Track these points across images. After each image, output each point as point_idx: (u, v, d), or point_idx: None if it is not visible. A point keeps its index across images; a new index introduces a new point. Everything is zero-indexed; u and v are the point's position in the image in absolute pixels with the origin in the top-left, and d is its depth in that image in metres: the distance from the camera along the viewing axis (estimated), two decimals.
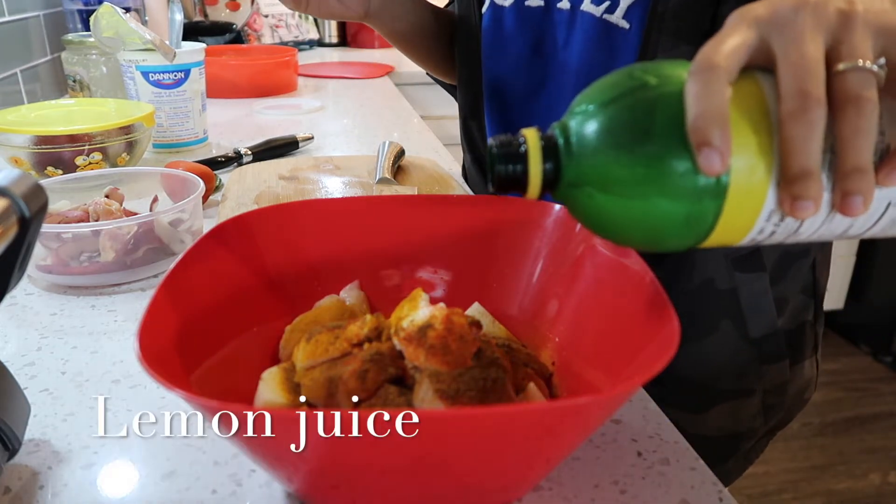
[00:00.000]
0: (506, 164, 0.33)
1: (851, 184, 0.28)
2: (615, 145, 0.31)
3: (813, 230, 0.32)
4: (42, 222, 0.37)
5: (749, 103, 0.30)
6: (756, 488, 1.70)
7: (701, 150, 0.28)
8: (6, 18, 1.22)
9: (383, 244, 0.50)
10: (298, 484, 0.35)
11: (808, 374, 0.69)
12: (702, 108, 0.28)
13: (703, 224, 0.31)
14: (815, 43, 0.29)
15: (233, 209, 0.71)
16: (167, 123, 1.02)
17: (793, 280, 0.65)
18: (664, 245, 0.33)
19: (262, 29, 2.03)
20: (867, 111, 0.28)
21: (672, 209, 0.31)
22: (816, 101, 0.28)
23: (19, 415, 0.38)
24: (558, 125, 0.34)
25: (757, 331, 0.63)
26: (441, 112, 1.64)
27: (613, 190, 0.32)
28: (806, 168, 0.28)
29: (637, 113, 0.31)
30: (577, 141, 0.32)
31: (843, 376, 2.14)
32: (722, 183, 0.30)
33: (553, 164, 0.33)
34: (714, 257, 0.60)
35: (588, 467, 0.39)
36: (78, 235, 0.60)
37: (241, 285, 0.45)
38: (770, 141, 0.30)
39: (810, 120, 0.28)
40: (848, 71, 0.28)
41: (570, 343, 0.43)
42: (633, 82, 0.32)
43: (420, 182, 0.83)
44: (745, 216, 0.31)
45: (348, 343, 0.41)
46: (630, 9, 0.57)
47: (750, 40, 0.30)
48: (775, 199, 0.30)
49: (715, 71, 0.29)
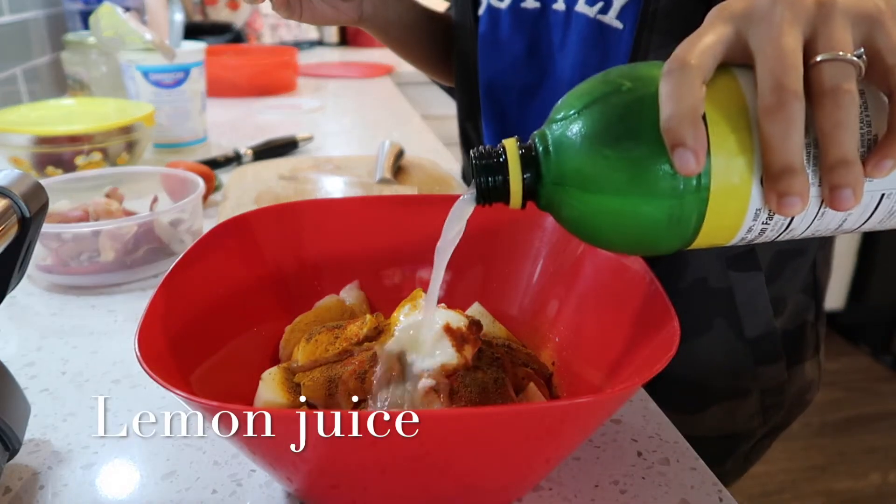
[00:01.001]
0: (487, 176, 0.34)
1: (837, 177, 0.28)
2: (593, 151, 0.31)
3: (805, 226, 0.32)
4: (42, 222, 0.37)
5: (727, 100, 0.29)
6: (756, 488, 1.70)
7: (675, 151, 0.28)
8: (6, 18, 1.22)
9: (383, 244, 0.50)
10: (298, 484, 0.35)
11: (809, 375, 0.69)
12: (674, 108, 0.28)
13: (687, 226, 0.31)
14: (792, 35, 0.28)
15: (233, 209, 0.71)
16: (167, 123, 1.02)
17: (791, 280, 0.64)
18: (651, 248, 0.33)
19: (262, 29, 2.03)
20: (845, 103, 0.27)
21: (654, 212, 0.30)
22: (794, 94, 0.27)
23: (19, 415, 0.38)
24: (538, 134, 0.34)
25: (752, 331, 0.63)
26: (441, 112, 1.64)
27: (594, 196, 0.31)
28: (788, 164, 0.27)
29: (612, 117, 0.31)
30: (555, 149, 0.32)
31: (843, 376, 2.14)
32: (702, 183, 0.29)
33: (533, 173, 0.33)
34: (708, 256, 0.60)
35: (588, 467, 0.39)
36: (78, 235, 0.60)
37: (241, 285, 0.45)
38: (750, 138, 0.29)
39: (788, 115, 0.27)
40: (825, 62, 0.28)
41: (570, 343, 0.43)
42: (608, 87, 0.32)
43: (420, 182, 0.83)
44: (731, 216, 0.30)
45: (348, 343, 0.42)
46: (623, 9, 0.57)
47: (725, 36, 0.29)
48: (761, 197, 0.30)
49: (687, 69, 0.28)
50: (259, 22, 2.01)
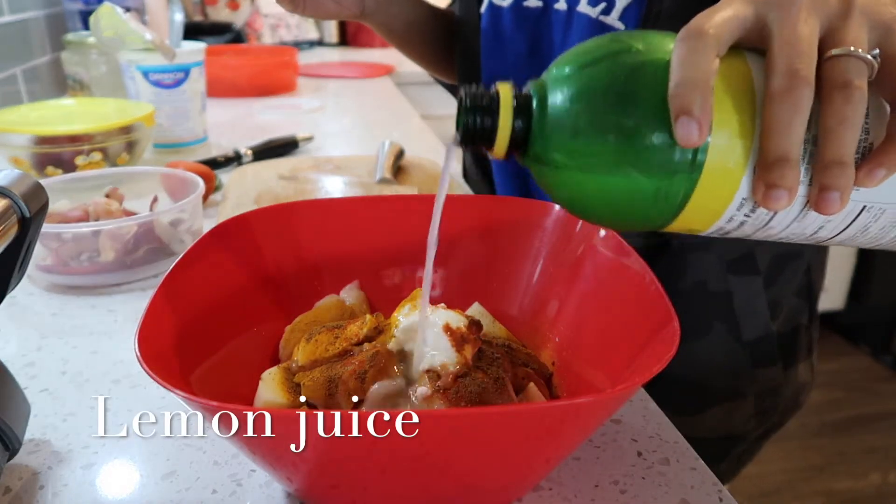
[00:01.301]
0: (475, 116, 0.32)
1: (830, 177, 0.27)
2: (590, 108, 0.30)
3: (783, 226, 0.31)
4: (42, 222, 0.37)
5: (736, 81, 0.29)
6: (755, 488, 1.70)
7: (679, 119, 0.27)
8: (6, 18, 1.22)
9: (383, 244, 0.50)
10: (298, 484, 0.35)
11: (802, 378, 0.69)
12: (685, 75, 0.27)
13: (671, 203, 0.30)
14: (811, 25, 0.28)
15: (233, 209, 0.71)
16: (167, 123, 1.02)
17: (787, 283, 0.65)
18: (628, 222, 0.32)
19: (262, 29, 2.03)
20: (855, 99, 0.27)
21: (641, 182, 0.29)
22: (805, 80, 0.27)
23: (19, 415, 0.38)
24: (535, 83, 0.32)
25: (750, 334, 0.63)
26: (441, 112, 1.64)
27: (584, 156, 0.30)
28: (785, 153, 0.27)
29: (617, 76, 0.29)
30: (552, 100, 0.31)
31: (843, 376, 2.14)
32: (697, 160, 0.28)
33: (524, 122, 0.31)
34: (708, 259, 0.60)
35: (588, 467, 0.39)
36: (78, 235, 0.60)
37: (241, 285, 0.45)
38: (752, 124, 0.28)
39: (796, 100, 0.27)
40: (840, 56, 0.27)
41: (570, 343, 0.43)
42: (618, 45, 0.30)
43: (420, 182, 0.83)
44: (716, 200, 0.29)
45: (348, 343, 0.42)
46: (626, 10, 0.57)
47: (744, 15, 0.29)
48: (749, 187, 0.29)
49: (704, 38, 0.28)
50: (259, 22, 2.01)
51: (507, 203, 0.52)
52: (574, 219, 0.46)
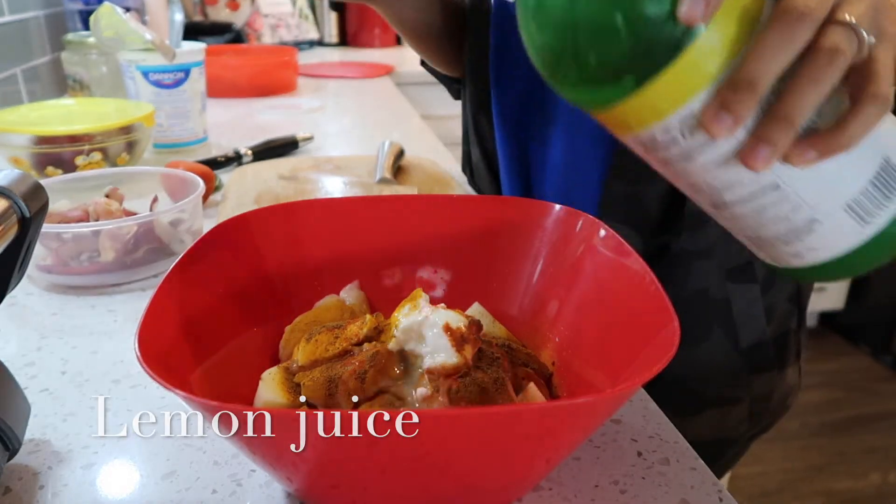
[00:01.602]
0: None
1: (773, 130, 0.27)
2: None
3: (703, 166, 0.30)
4: (42, 222, 0.37)
5: None
6: (755, 488, 1.70)
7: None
8: (6, 18, 1.22)
9: (383, 244, 0.50)
10: (298, 484, 0.35)
11: (791, 381, 0.70)
12: None
13: (634, 74, 0.29)
14: None
15: (233, 209, 0.71)
16: (167, 123, 1.02)
17: (780, 288, 0.65)
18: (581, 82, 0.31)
19: (262, 29, 2.03)
20: (836, 65, 0.27)
21: (621, 33, 0.28)
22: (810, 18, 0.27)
23: (19, 415, 0.38)
24: None
25: (747, 340, 0.63)
26: (441, 112, 1.64)
27: None
28: (755, 78, 0.27)
29: None
30: None
31: (843, 376, 2.14)
32: (683, 42, 0.28)
33: None
34: (709, 268, 0.61)
35: (588, 467, 0.39)
36: (78, 235, 0.60)
37: (241, 285, 0.45)
38: (741, 45, 0.28)
39: (792, 33, 0.27)
40: (839, 23, 0.28)
41: (570, 343, 0.43)
42: None
43: (420, 182, 0.83)
44: (671, 96, 0.29)
45: (348, 343, 0.42)
46: None
47: None
48: (702, 103, 0.28)
49: None
50: (259, 22, 2.01)
51: (507, 203, 0.52)
52: (574, 219, 0.46)
